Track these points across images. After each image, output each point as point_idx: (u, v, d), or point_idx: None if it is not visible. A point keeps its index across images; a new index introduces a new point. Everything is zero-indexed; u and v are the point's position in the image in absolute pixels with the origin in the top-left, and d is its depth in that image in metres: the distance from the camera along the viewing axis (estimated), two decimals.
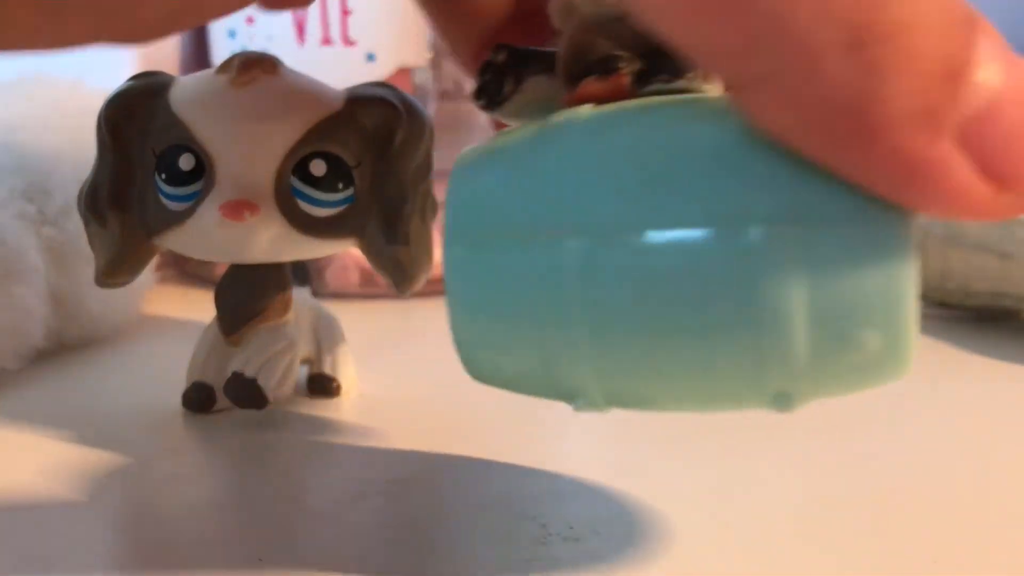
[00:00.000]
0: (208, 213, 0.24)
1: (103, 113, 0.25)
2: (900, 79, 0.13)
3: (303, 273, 0.31)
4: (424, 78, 0.47)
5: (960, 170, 0.14)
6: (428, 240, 0.26)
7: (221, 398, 0.27)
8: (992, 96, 0.14)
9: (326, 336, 0.29)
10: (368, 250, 0.26)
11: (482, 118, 0.56)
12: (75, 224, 0.30)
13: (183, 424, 0.27)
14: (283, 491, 0.23)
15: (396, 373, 0.28)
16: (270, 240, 0.24)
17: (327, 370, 0.29)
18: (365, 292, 0.39)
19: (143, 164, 0.25)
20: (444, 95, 0.55)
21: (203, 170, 0.24)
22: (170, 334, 0.35)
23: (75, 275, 0.31)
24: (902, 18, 0.13)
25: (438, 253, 0.27)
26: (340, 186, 0.25)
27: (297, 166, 0.24)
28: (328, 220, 0.25)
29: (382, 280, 0.34)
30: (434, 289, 0.39)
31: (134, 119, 0.25)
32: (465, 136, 0.51)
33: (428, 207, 0.26)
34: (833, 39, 0.13)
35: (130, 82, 0.25)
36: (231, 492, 0.23)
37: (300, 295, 0.29)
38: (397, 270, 0.26)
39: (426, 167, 0.26)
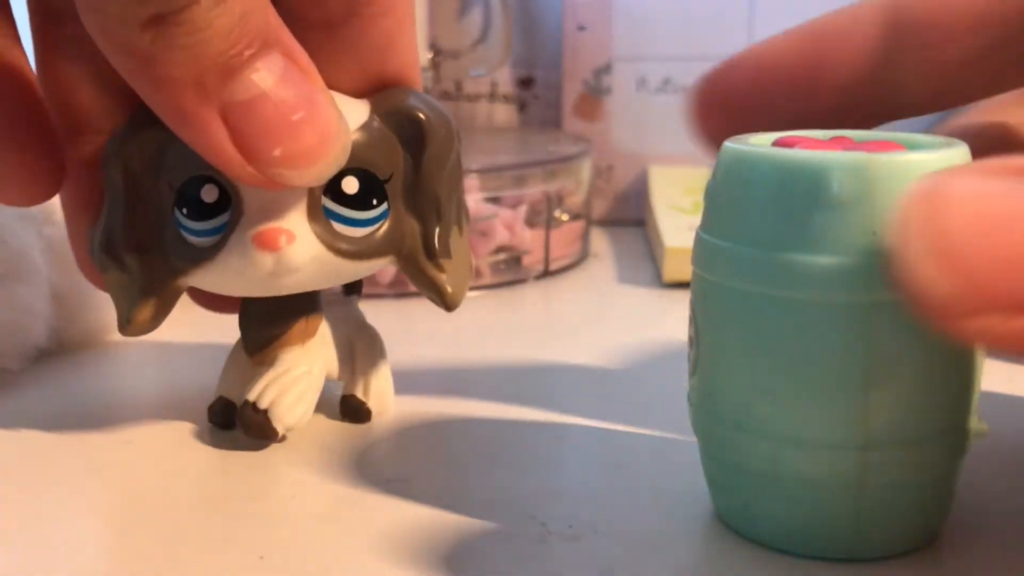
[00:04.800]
0: (240, 245, 0.22)
1: (111, 153, 0.23)
2: (180, 55, 0.19)
3: (355, 282, 0.29)
4: (424, 79, 0.47)
5: (218, 134, 0.20)
6: (467, 251, 0.25)
7: None
8: (258, 94, 0.19)
9: (362, 355, 0.27)
10: (408, 268, 0.24)
11: (482, 118, 0.56)
12: None
13: (183, 424, 0.27)
14: (283, 491, 0.23)
15: (396, 373, 0.28)
16: (308, 269, 0.23)
17: (359, 393, 0.27)
18: (365, 292, 0.39)
19: (159, 201, 0.23)
20: (444, 95, 0.55)
21: (228, 200, 0.22)
22: (171, 335, 0.35)
23: (77, 275, 0.31)
24: (197, 19, 0.18)
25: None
26: (374, 202, 0.23)
27: (328, 185, 0.22)
28: (365, 240, 0.23)
29: (382, 279, 0.34)
30: None
31: (143, 154, 0.23)
32: (465, 136, 0.51)
33: (463, 216, 0.25)
34: (137, 15, 0.18)
35: (132, 116, 0.23)
36: (231, 491, 0.23)
37: (343, 307, 0.28)
38: (441, 285, 0.24)
39: (458, 174, 0.25)
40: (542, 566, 0.20)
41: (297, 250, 0.22)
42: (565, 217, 0.44)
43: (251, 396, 0.25)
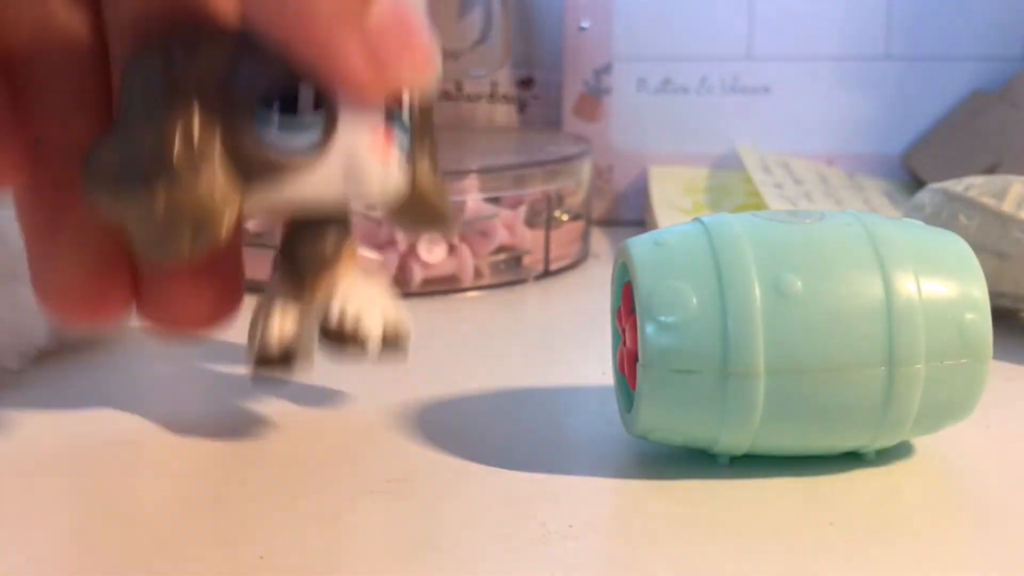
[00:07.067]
0: (344, 152, 0.22)
1: (152, 58, 0.21)
2: None
3: None
4: None
5: (352, 47, 0.21)
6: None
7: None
8: (386, 8, 0.21)
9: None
10: (414, 189, 0.25)
11: (482, 118, 0.56)
12: None
13: (183, 424, 0.27)
14: (283, 491, 0.23)
15: (396, 373, 0.28)
16: (394, 173, 0.23)
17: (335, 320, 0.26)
18: None
19: (232, 113, 0.22)
20: (444, 95, 0.55)
21: (320, 109, 0.22)
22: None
23: None
24: None
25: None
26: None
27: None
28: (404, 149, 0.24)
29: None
30: (433, 289, 0.39)
31: (214, 68, 0.21)
32: (466, 136, 0.51)
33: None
34: None
35: (171, 37, 0.22)
36: (231, 491, 0.23)
37: None
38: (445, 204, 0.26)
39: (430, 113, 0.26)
40: (542, 566, 0.20)
41: (396, 157, 0.23)
42: (565, 217, 0.44)
43: (334, 316, 0.25)
